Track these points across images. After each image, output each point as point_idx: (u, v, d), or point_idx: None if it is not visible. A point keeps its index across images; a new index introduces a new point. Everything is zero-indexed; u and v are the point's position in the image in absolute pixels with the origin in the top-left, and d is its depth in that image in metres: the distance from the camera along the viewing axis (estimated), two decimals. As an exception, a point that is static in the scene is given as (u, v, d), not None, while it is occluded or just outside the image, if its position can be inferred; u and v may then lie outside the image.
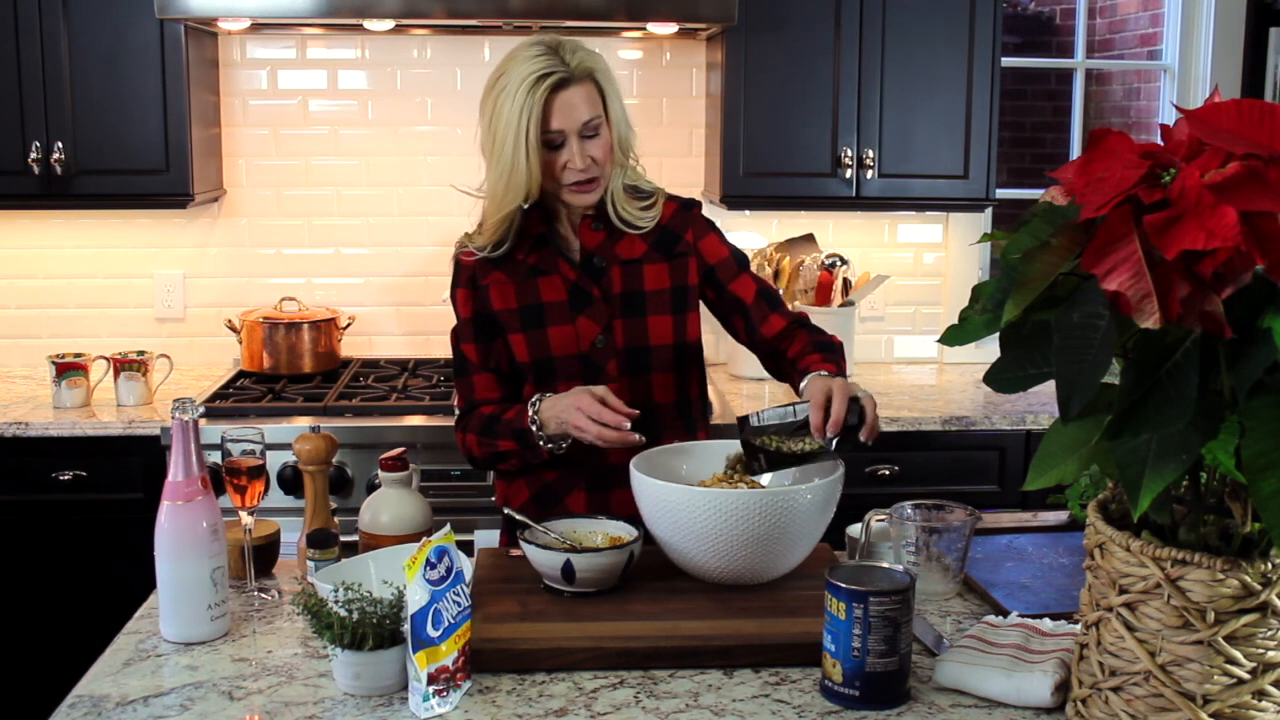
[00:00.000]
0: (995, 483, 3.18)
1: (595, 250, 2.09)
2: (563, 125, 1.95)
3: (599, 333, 2.08)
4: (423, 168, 3.60)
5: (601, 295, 2.08)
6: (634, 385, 2.08)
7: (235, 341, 3.44)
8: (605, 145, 2.00)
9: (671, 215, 2.14)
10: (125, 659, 1.64)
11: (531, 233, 2.08)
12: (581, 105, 1.96)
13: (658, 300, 2.10)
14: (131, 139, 3.20)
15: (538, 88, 1.93)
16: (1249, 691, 1.25)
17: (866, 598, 1.46)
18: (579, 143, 1.97)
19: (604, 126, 2.00)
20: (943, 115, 3.36)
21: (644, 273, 2.10)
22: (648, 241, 2.11)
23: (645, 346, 2.09)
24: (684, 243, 2.13)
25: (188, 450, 1.67)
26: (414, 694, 1.46)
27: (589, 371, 2.07)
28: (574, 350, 2.08)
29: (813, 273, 3.55)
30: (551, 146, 1.97)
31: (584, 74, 1.96)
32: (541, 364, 2.08)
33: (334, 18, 3.09)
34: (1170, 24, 3.93)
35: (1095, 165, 1.19)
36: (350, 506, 2.85)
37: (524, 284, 2.08)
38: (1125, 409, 1.13)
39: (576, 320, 2.07)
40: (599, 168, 2.00)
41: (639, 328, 2.09)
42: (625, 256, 2.10)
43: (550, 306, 2.07)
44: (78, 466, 3.00)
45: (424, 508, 1.92)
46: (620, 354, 2.08)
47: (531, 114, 1.92)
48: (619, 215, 2.08)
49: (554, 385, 2.07)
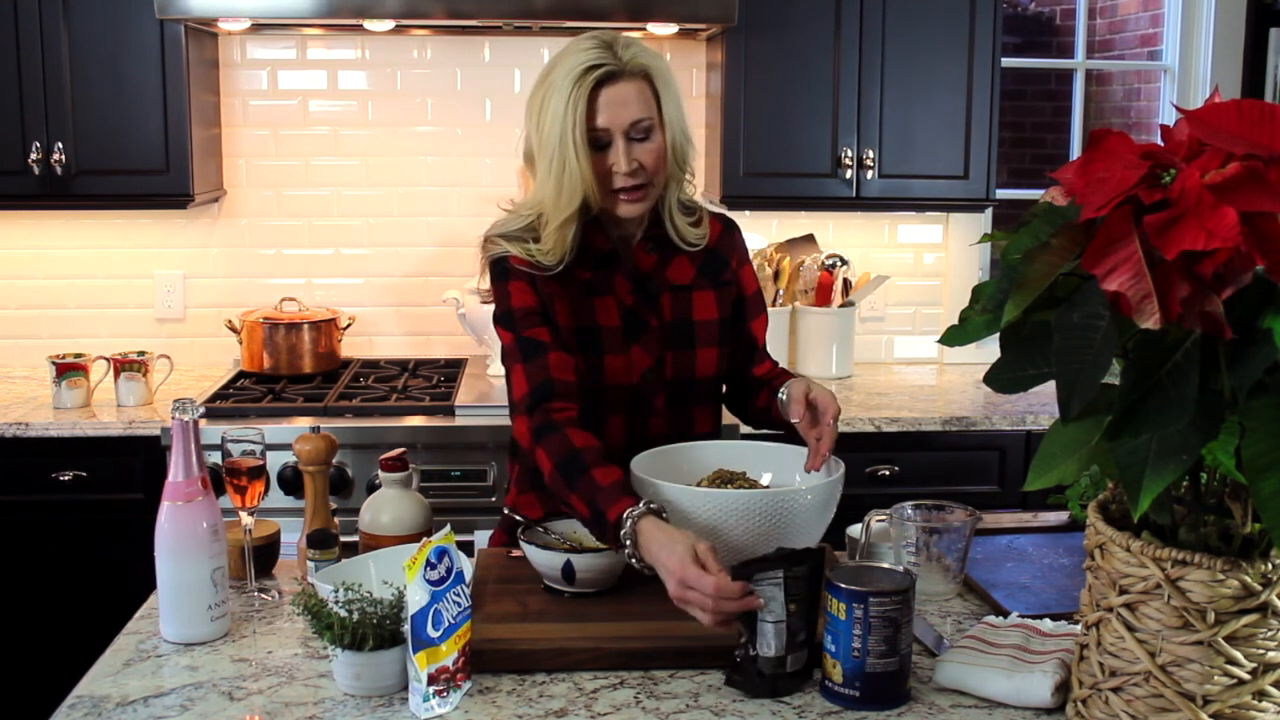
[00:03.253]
0: (995, 483, 3.18)
1: (650, 274, 1.95)
2: (608, 123, 1.81)
3: (651, 364, 1.94)
4: (423, 168, 3.60)
5: (658, 325, 1.95)
6: (675, 417, 1.99)
7: (235, 342, 3.44)
8: (656, 151, 1.85)
9: (719, 237, 2.02)
10: (125, 659, 1.64)
11: (597, 248, 1.92)
12: (630, 103, 1.81)
13: (706, 332, 1.99)
14: (132, 139, 3.20)
15: (584, 80, 1.79)
16: (1249, 692, 1.25)
17: (866, 598, 1.46)
18: (625, 144, 1.82)
19: (656, 130, 1.84)
20: (943, 115, 3.36)
21: (694, 301, 1.98)
22: (695, 265, 1.99)
23: (692, 379, 1.99)
24: (730, 270, 2.03)
25: (188, 450, 1.67)
26: (414, 694, 1.46)
27: (636, 404, 1.96)
28: (624, 381, 1.94)
29: (813, 273, 3.55)
30: (598, 146, 1.83)
31: (636, 70, 1.82)
32: (592, 392, 1.92)
33: (334, 18, 3.09)
34: (1170, 24, 3.93)
35: (1095, 165, 1.19)
36: (350, 507, 2.85)
37: (579, 303, 1.92)
38: (1125, 409, 1.13)
39: (631, 350, 1.93)
40: (648, 174, 1.85)
41: (688, 360, 1.97)
42: (675, 281, 1.97)
43: (606, 332, 1.92)
44: (78, 467, 3.00)
45: (424, 508, 1.92)
46: (668, 386, 1.97)
47: (577, 107, 1.79)
48: (677, 232, 1.95)
49: (603, 413, 1.93)
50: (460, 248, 3.52)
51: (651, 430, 1.98)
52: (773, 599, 1.49)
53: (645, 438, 1.95)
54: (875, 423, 3.10)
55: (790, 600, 1.49)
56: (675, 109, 1.87)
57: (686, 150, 1.91)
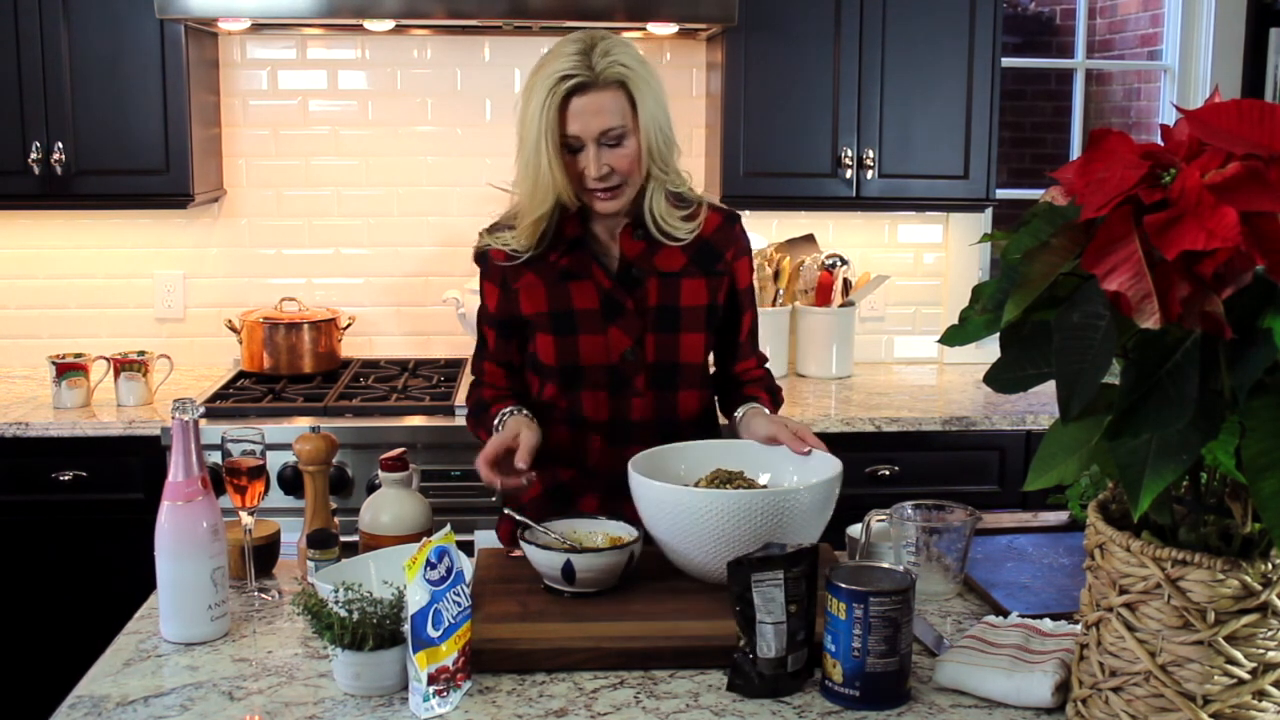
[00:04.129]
0: (995, 483, 3.18)
1: (635, 260, 2.03)
2: (579, 131, 1.89)
3: (630, 345, 2.03)
4: (423, 168, 3.60)
5: (635, 307, 2.02)
6: (660, 400, 2.06)
7: (235, 342, 3.44)
8: (629, 156, 1.92)
9: (715, 229, 2.07)
10: (125, 659, 1.64)
11: (567, 235, 2.01)
12: (602, 112, 1.88)
13: (692, 317, 2.05)
14: (131, 139, 3.19)
15: (557, 89, 1.87)
16: (1249, 692, 1.25)
17: (867, 598, 1.46)
18: (597, 150, 1.90)
19: (630, 136, 1.91)
20: (943, 115, 3.36)
21: (681, 287, 2.04)
22: (687, 254, 2.04)
23: (675, 363, 2.05)
24: (724, 261, 2.08)
25: (188, 450, 1.67)
26: (414, 694, 1.46)
27: (616, 383, 2.04)
28: (603, 360, 2.03)
29: (813, 273, 3.55)
30: (572, 150, 1.92)
31: (610, 80, 1.88)
32: (568, 370, 2.04)
33: (334, 18, 3.09)
34: (1170, 24, 3.93)
35: (1095, 165, 1.19)
36: (350, 507, 2.85)
37: (555, 287, 2.02)
38: (1125, 409, 1.13)
39: (608, 330, 2.02)
40: (620, 177, 1.93)
41: (670, 343, 2.05)
42: (664, 269, 2.03)
43: (582, 314, 2.02)
44: (78, 466, 3.00)
45: (424, 508, 1.92)
46: (649, 368, 2.04)
47: (550, 115, 1.87)
48: (658, 226, 2.00)
49: (580, 393, 2.05)
50: (460, 248, 3.51)
51: (634, 411, 2.06)
52: (772, 599, 1.49)
53: (628, 418, 2.06)
54: (875, 423, 3.10)
55: (790, 600, 1.49)
56: (653, 113, 1.92)
57: (665, 151, 1.97)
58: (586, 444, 2.06)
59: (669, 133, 1.97)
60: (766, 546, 1.55)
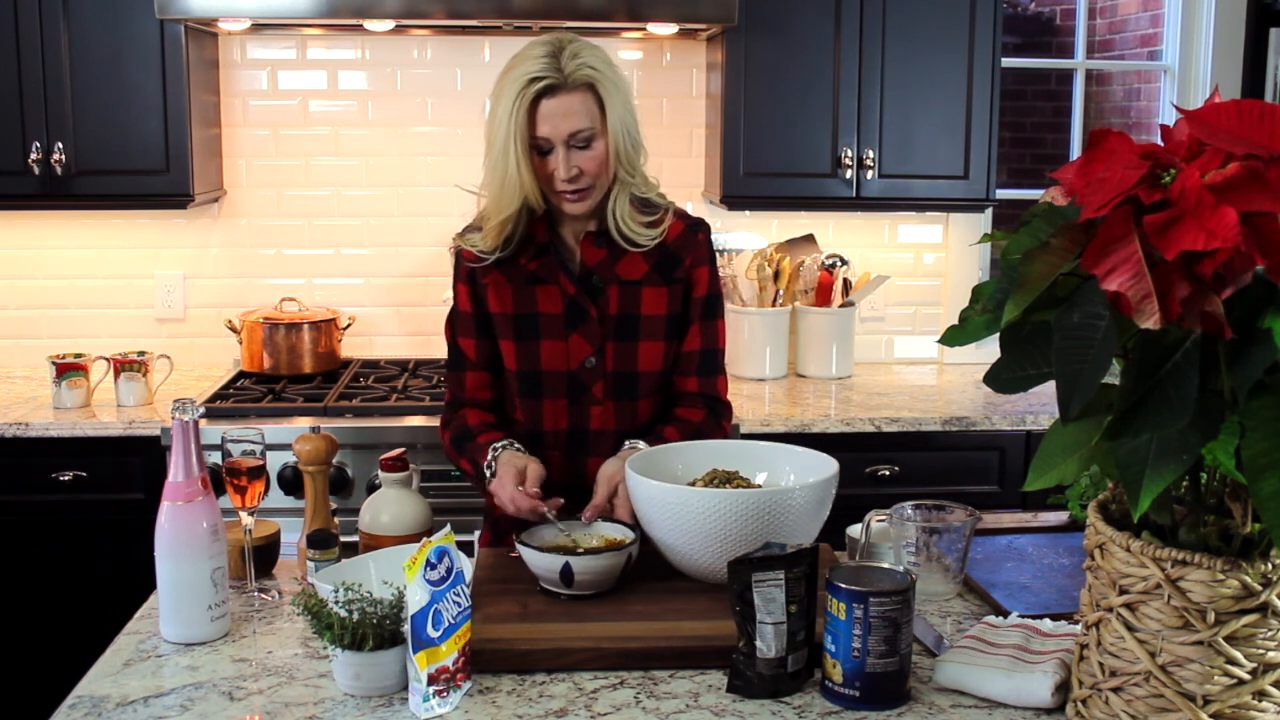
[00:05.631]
0: (995, 483, 3.18)
1: (595, 268, 2.03)
2: (549, 133, 1.90)
3: (591, 353, 2.03)
4: (423, 168, 3.60)
5: (598, 315, 2.03)
6: (619, 409, 2.06)
7: (235, 342, 3.44)
8: (598, 158, 1.93)
9: (678, 236, 2.06)
10: (125, 659, 1.64)
11: (536, 239, 2.02)
12: (571, 115, 1.89)
13: (652, 326, 2.05)
14: (132, 139, 3.20)
15: (526, 91, 1.87)
16: (1249, 692, 1.25)
17: (866, 598, 1.46)
18: (566, 152, 1.90)
19: (599, 139, 1.92)
20: (943, 115, 3.36)
21: (642, 296, 2.04)
22: (649, 262, 2.04)
23: (634, 371, 2.05)
24: (682, 268, 2.06)
25: (188, 451, 1.67)
26: (414, 694, 1.46)
27: (575, 390, 2.05)
28: (563, 367, 2.04)
29: (813, 273, 3.55)
30: (541, 152, 1.92)
31: (579, 83, 1.89)
32: (529, 376, 2.05)
33: (334, 18, 3.09)
34: (1170, 24, 3.93)
35: (1095, 165, 1.19)
36: (350, 507, 2.85)
37: (522, 290, 2.03)
38: (1125, 409, 1.13)
39: (570, 337, 2.03)
40: (589, 179, 1.94)
41: (630, 352, 2.05)
42: (625, 277, 2.03)
43: (546, 318, 2.03)
44: (78, 467, 3.00)
45: (424, 508, 1.92)
46: (608, 376, 2.05)
47: (517, 117, 1.87)
48: (620, 231, 2.00)
49: (540, 400, 2.05)
50: (460, 248, 3.52)
51: (593, 420, 2.06)
52: (772, 599, 1.49)
53: (587, 426, 2.07)
54: (875, 423, 3.10)
55: (790, 601, 1.49)
56: (621, 116, 1.93)
57: (632, 154, 1.97)
58: (545, 459, 2.01)
59: (636, 136, 1.98)
60: (766, 546, 1.55)
